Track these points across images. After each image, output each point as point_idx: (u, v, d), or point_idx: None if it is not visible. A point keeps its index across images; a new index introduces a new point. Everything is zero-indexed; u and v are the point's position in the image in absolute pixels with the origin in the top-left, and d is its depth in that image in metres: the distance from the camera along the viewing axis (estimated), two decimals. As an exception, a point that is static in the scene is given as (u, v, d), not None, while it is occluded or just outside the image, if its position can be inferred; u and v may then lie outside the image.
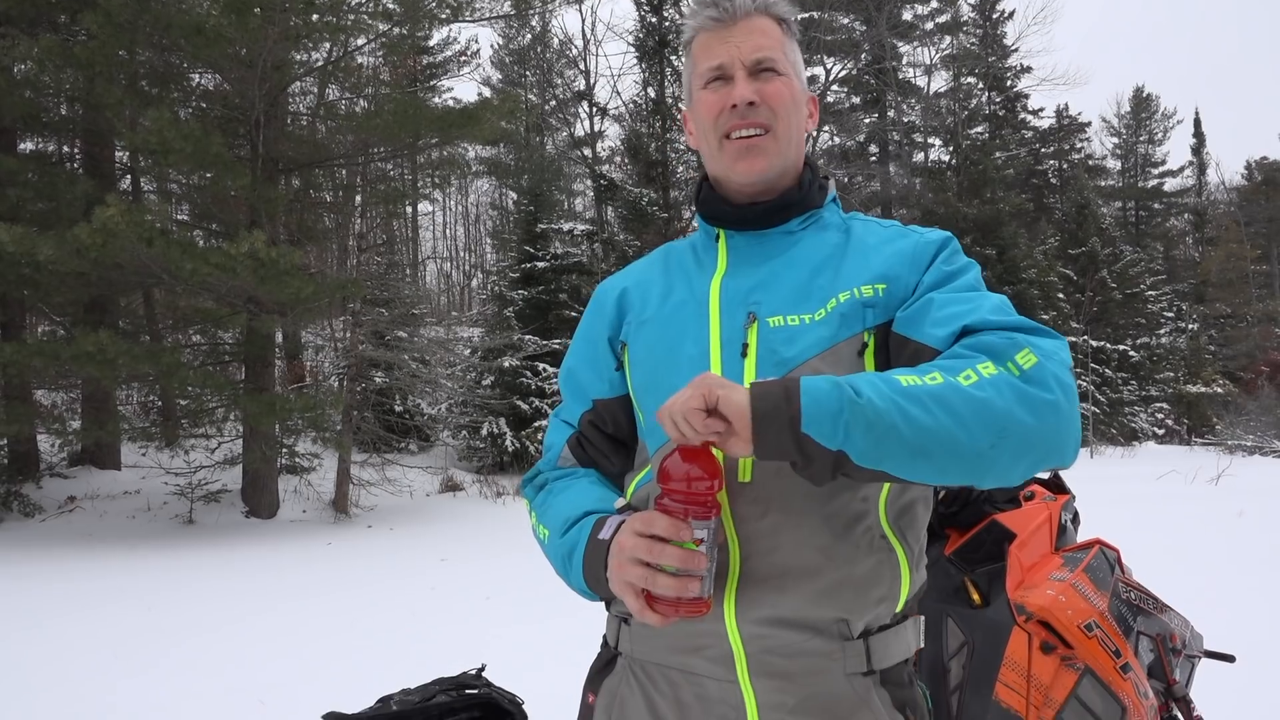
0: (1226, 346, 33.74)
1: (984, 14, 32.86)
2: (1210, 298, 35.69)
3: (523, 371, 16.10)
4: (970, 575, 1.91)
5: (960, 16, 33.11)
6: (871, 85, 31.75)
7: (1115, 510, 9.60)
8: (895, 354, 1.16)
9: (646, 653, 1.21)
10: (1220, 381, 29.59)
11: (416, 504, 13.30)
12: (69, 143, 13.89)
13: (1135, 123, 42.84)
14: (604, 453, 1.34)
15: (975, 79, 33.30)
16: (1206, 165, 42.69)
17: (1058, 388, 1.03)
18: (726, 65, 1.23)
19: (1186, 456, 20.79)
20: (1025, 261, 25.37)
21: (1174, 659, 2.00)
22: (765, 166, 1.23)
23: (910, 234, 1.25)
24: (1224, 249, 36.95)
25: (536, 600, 6.22)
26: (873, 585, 1.14)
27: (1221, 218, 41.70)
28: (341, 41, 12.73)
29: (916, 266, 1.20)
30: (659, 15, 19.39)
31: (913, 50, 33.93)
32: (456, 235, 39.74)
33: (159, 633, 5.81)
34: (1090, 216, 30.27)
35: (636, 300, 1.32)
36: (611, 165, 23.53)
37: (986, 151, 27.51)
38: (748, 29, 1.24)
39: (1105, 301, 28.48)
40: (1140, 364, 28.17)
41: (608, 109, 24.88)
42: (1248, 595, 5.94)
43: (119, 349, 9.55)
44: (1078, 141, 39.86)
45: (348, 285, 12.13)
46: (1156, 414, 28.18)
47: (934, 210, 26.52)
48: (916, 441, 0.98)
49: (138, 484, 12.07)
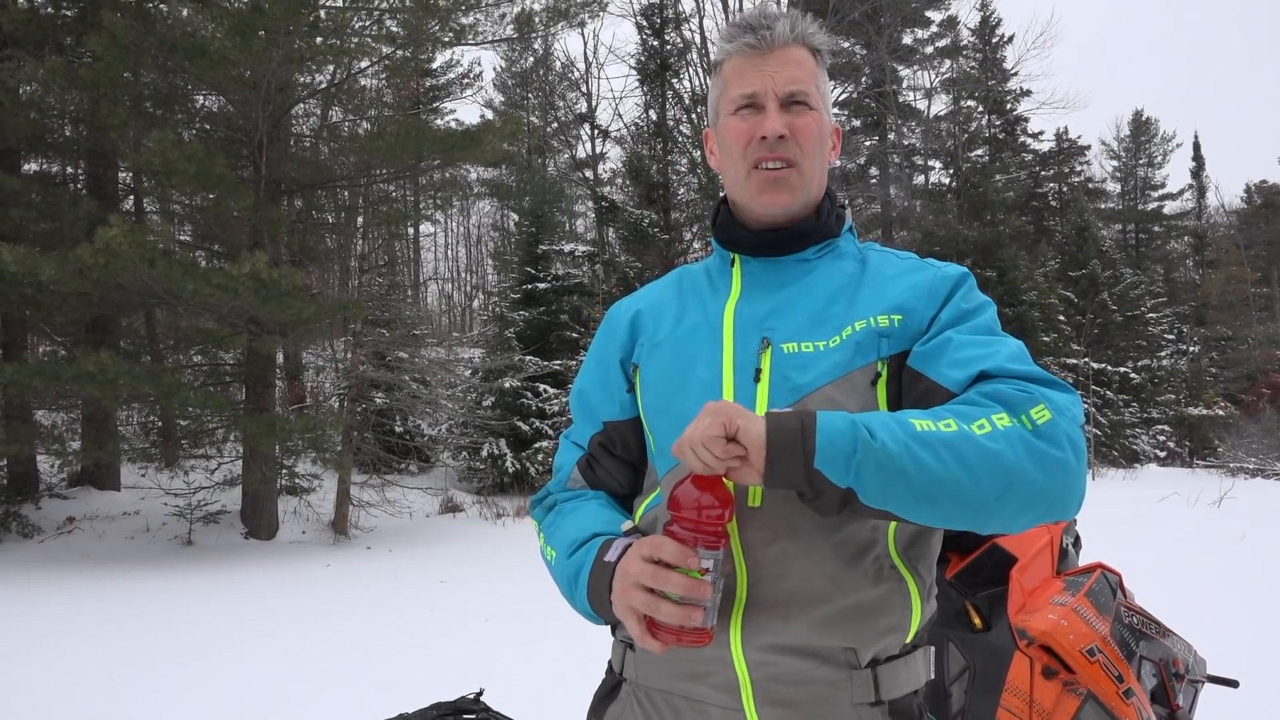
0: (1227, 369, 33.72)
1: (984, 38, 33.08)
2: (1211, 320, 35.70)
3: (523, 392, 16.09)
4: (971, 599, 1.90)
5: (960, 41, 33.36)
6: (872, 108, 31.94)
7: (1118, 532, 9.57)
8: (908, 388, 1.16)
9: (651, 679, 1.21)
10: (1221, 404, 29.55)
11: (416, 525, 13.26)
12: (73, 163, 13.95)
13: (1135, 146, 43.00)
14: (613, 475, 1.34)
15: (975, 102, 33.47)
16: (1206, 188, 42.82)
17: (1068, 445, 1.04)
18: (759, 95, 1.23)
19: (1188, 479, 20.72)
20: (1026, 283, 25.39)
21: (1177, 684, 1.99)
22: (790, 200, 1.23)
23: (928, 267, 1.25)
24: (1224, 271, 37.00)
25: (537, 623, 6.19)
26: (881, 614, 1.13)
27: (1221, 240, 41.80)
28: (345, 64, 12.84)
29: (933, 300, 1.20)
30: (660, 39, 19.53)
31: (913, 74, 34.19)
32: (458, 256, 39.95)
33: (157, 655, 5.77)
34: (1090, 239, 30.34)
35: (649, 323, 1.32)
36: (613, 187, 23.66)
37: (986, 174, 27.60)
38: (783, 59, 1.23)
39: (1106, 323, 28.48)
40: (1141, 386, 28.13)
41: (609, 131, 25.09)
42: (1251, 619, 5.91)
43: (120, 369, 9.56)
44: (1077, 164, 39.99)
45: (349, 306, 12.15)
46: (1158, 436, 28.12)
47: (934, 232, 26.59)
48: (924, 487, 1.00)
49: (137, 505, 12.05)
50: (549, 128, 29.47)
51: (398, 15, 12.44)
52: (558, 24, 14.11)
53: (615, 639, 1.29)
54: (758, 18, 1.24)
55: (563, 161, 29.45)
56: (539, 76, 29.69)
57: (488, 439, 15.59)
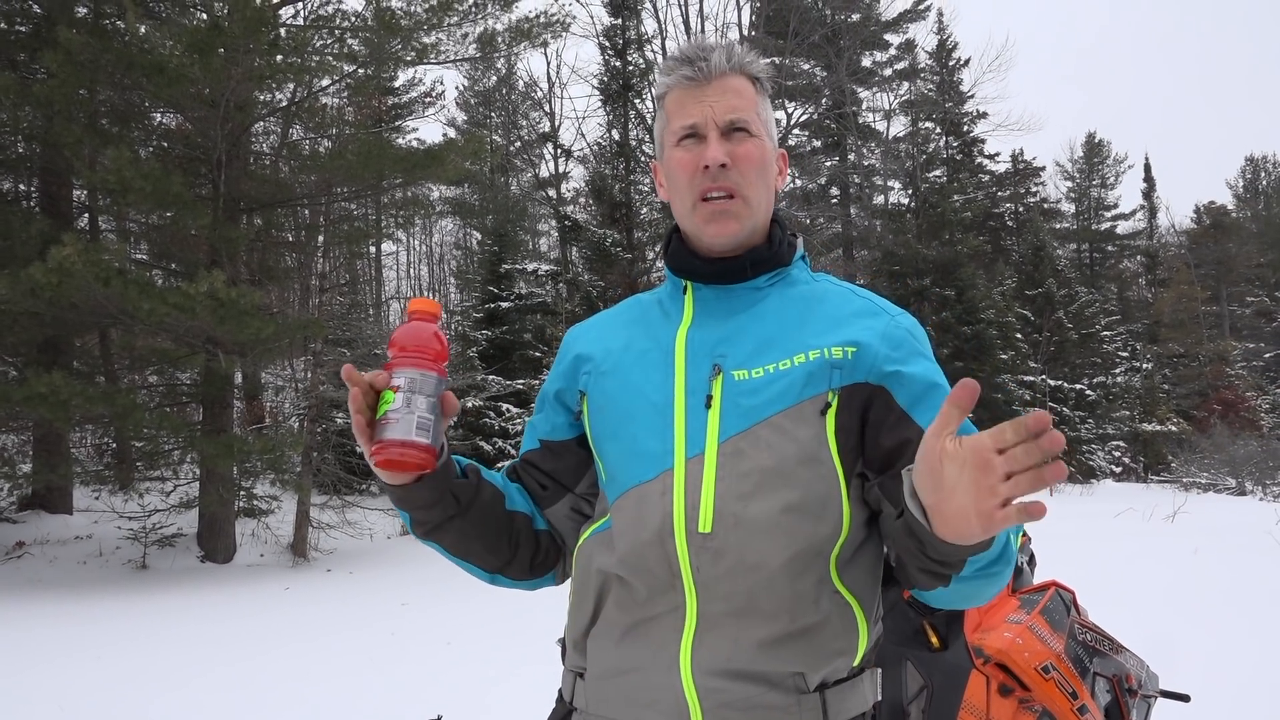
0: (1180, 385, 34.41)
1: (941, 61, 33.62)
2: (1163, 338, 36.45)
3: (485, 412, 16.00)
4: (929, 619, 1.92)
5: (918, 64, 33.88)
6: (832, 129, 32.30)
7: (1073, 548, 9.68)
8: (878, 414, 1.18)
9: (600, 708, 1.20)
10: (1174, 420, 30.13)
11: (377, 547, 13.10)
12: (26, 181, 13.70)
13: (1088, 167, 43.90)
14: (536, 481, 1.36)
15: (933, 124, 34.01)
16: (1157, 209, 43.85)
17: (1012, 563, 1.13)
18: (700, 125, 1.24)
19: (1143, 494, 21.08)
20: (984, 302, 25.75)
21: (1130, 699, 2.02)
22: (737, 229, 1.25)
23: (882, 313, 1.27)
24: (1175, 290, 37.82)
25: (498, 647, 6.14)
26: (830, 638, 1.14)
27: (1172, 260, 42.75)
28: (306, 82, 12.73)
29: (891, 344, 1.21)
30: (623, 59, 19.66)
31: (872, 96, 34.62)
32: (420, 275, 39.68)
33: (109, 683, 5.64)
34: (1046, 258, 30.89)
35: (599, 350, 1.33)
36: (576, 206, 23.67)
37: (945, 194, 28.01)
38: (722, 88, 1.25)
39: (1062, 341, 28.95)
40: (1097, 402, 28.60)
41: (572, 151, 25.11)
42: (1203, 634, 6.00)
43: (73, 390, 9.37)
44: (1033, 185, 40.72)
45: (309, 325, 12.02)
46: (1113, 452, 28.58)
47: (894, 251, 26.89)
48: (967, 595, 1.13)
49: (90, 528, 11.78)
50: (512, 147, 29.42)
51: (359, 34, 12.41)
52: (520, 44, 14.13)
53: (565, 668, 1.29)
54: (694, 50, 1.26)
55: (525, 180, 29.41)
56: (502, 96, 29.66)
57: (450, 459, 15.46)
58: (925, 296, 25.06)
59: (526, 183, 29.28)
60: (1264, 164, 48.11)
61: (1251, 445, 25.10)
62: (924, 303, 24.69)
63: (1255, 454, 24.07)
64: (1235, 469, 23.86)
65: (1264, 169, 48.11)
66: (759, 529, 1.13)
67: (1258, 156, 48.57)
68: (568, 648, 1.29)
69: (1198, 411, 31.86)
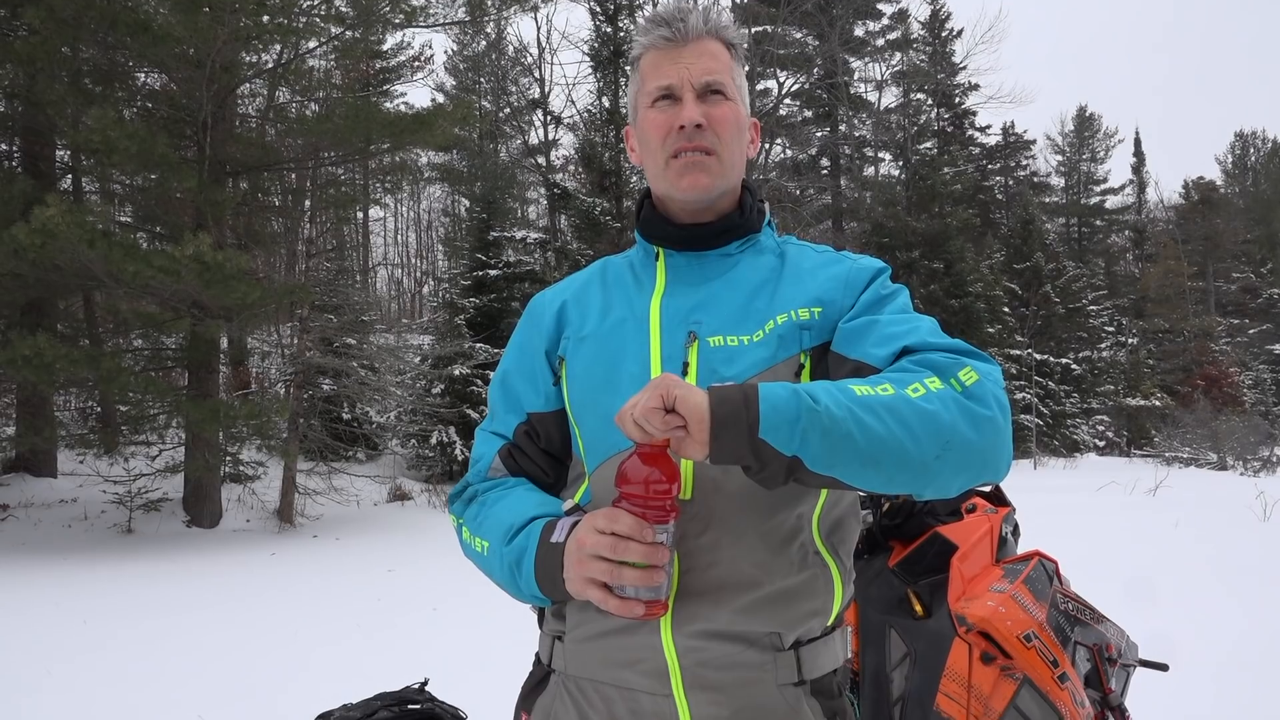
0: (1164, 360, 34.65)
1: (933, 32, 33.47)
2: (1149, 313, 36.65)
3: (473, 380, 15.98)
4: (913, 587, 1.93)
5: (910, 34, 33.71)
6: (823, 99, 32.17)
7: (1056, 520, 9.79)
8: (834, 371, 1.19)
9: (580, 669, 1.21)
10: (1158, 395, 30.38)
11: (364, 513, 13.13)
12: (7, 140, 13.50)
13: (1078, 141, 43.95)
14: (538, 464, 1.33)
15: (925, 95, 33.89)
16: (1146, 184, 43.98)
17: (995, 405, 1.08)
18: (676, 86, 1.24)
19: (1126, 468, 21.28)
20: (972, 275, 25.84)
21: (1110, 668, 2.04)
22: (709, 184, 1.24)
23: (844, 260, 1.29)
24: (1162, 265, 37.98)
25: (484, 612, 6.15)
26: (806, 599, 1.16)
27: (1160, 235, 42.91)
28: (293, 44, 12.56)
29: (851, 290, 1.23)
30: (614, 25, 19.43)
31: (864, 66, 34.48)
32: (408, 241, 39.47)
33: (94, 647, 5.66)
34: (1034, 232, 30.95)
35: (575, 315, 1.32)
36: (565, 174, 23.52)
37: (935, 167, 27.98)
38: (698, 51, 1.25)
39: (1049, 315, 29.11)
40: (1082, 377, 28.81)
41: (562, 118, 24.91)
42: (1181, 604, 6.09)
43: (57, 353, 9.31)
44: (1023, 159, 40.77)
45: (296, 290, 11.96)
46: (1097, 426, 28.84)
47: (884, 224, 26.90)
48: (868, 450, 1.01)
49: (75, 492, 11.76)
50: (501, 113, 29.19)
51: (347, -5, 12.25)
52: (510, 8, 14.01)
53: (542, 631, 1.29)
54: (671, 13, 1.26)
55: (515, 147, 29.21)
56: (491, 61, 29.36)
57: (437, 427, 15.47)
58: (914, 269, 25.10)
59: (515, 149, 29.08)
60: (1253, 140, 48.23)
61: (1234, 421, 25.32)
62: (912, 275, 24.73)
63: (1237, 429, 24.29)
64: (1217, 444, 24.10)
65: (1253, 145, 48.23)
66: (739, 495, 1.14)
67: (1247, 132, 48.60)
68: (546, 613, 1.29)
69: (1182, 387, 32.11)
